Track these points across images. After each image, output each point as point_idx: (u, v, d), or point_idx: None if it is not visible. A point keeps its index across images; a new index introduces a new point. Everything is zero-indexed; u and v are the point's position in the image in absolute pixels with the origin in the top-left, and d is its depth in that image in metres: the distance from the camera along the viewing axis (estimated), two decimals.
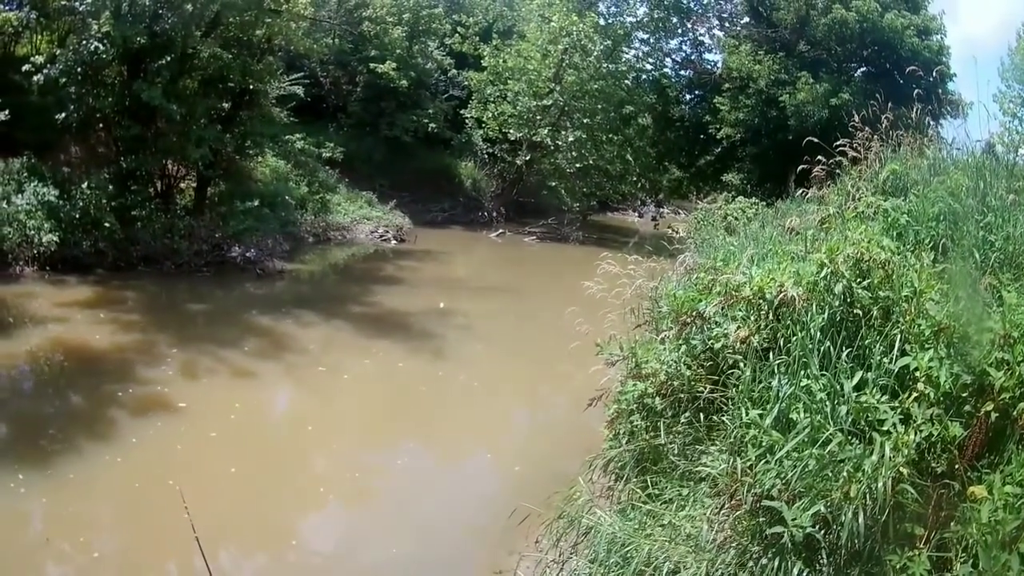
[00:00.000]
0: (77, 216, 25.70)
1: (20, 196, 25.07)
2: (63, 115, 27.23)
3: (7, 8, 28.47)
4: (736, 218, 27.20)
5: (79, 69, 27.09)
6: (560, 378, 20.92)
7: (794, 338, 8.25)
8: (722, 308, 9.63)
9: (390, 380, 20.35)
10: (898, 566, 6.28)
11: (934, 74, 29.36)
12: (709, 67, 59.01)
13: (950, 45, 47.99)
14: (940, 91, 29.77)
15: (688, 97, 61.43)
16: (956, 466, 6.63)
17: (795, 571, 6.72)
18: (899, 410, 6.95)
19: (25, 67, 26.64)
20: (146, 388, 16.98)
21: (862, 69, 49.41)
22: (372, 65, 48.09)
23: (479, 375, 21.42)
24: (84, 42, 26.71)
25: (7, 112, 25.83)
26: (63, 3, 27.11)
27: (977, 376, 6.81)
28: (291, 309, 25.42)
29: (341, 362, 20.91)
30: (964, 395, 6.87)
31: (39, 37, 31.43)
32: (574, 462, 12.30)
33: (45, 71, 26.39)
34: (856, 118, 16.73)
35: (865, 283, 8.21)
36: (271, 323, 23.38)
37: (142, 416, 15.57)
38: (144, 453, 14.02)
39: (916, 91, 16.96)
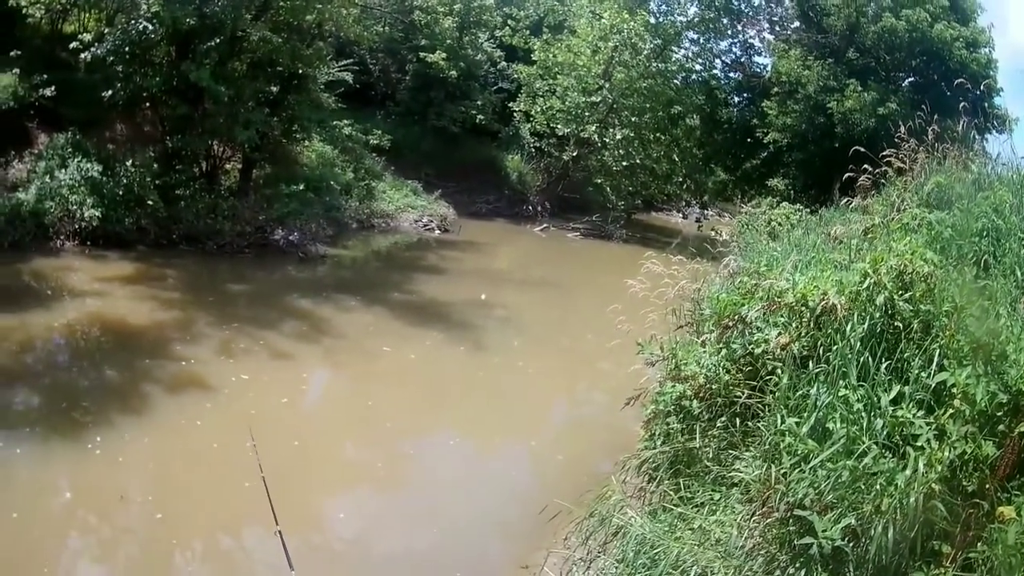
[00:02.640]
0: (120, 193, 25.88)
1: (63, 171, 25.26)
2: (110, 93, 27.30)
3: None
4: (780, 224, 27.11)
5: (127, 48, 27.13)
6: (599, 375, 20.95)
7: (834, 347, 8.23)
8: (764, 313, 9.65)
9: (428, 369, 20.38)
10: None
11: (981, 87, 29.27)
12: (758, 70, 58.87)
13: (998, 59, 47.77)
14: (987, 105, 29.68)
15: (736, 100, 61.17)
16: (987, 485, 6.59)
17: None
18: (934, 426, 6.94)
19: (72, 44, 26.90)
20: (191, 365, 17.22)
21: (910, 79, 49.12)
22: (422, 54, 48.03)
23: (518, 368, 21.45)
24: (133, 22, 26.77)
25: (53, 88, 26.17)
26: None
27: (1013, 396, 6.76)
28: (332, 294, 25.57)
29: (379, 349, 21.00)
30: (999, 414, 6.81)
31: (87, 15, 31.45)
32: (608, 460, 12.43)
33: (92, 49, 26.51)
34: (903, 128, 16.71)
35: (907, 295, 8.18)
36: (311, 307, 23.53)
37: (178, 392, 15.81)
38: (190, 425, 14.32)
39: (963, 104, 16.89)
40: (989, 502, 6.48)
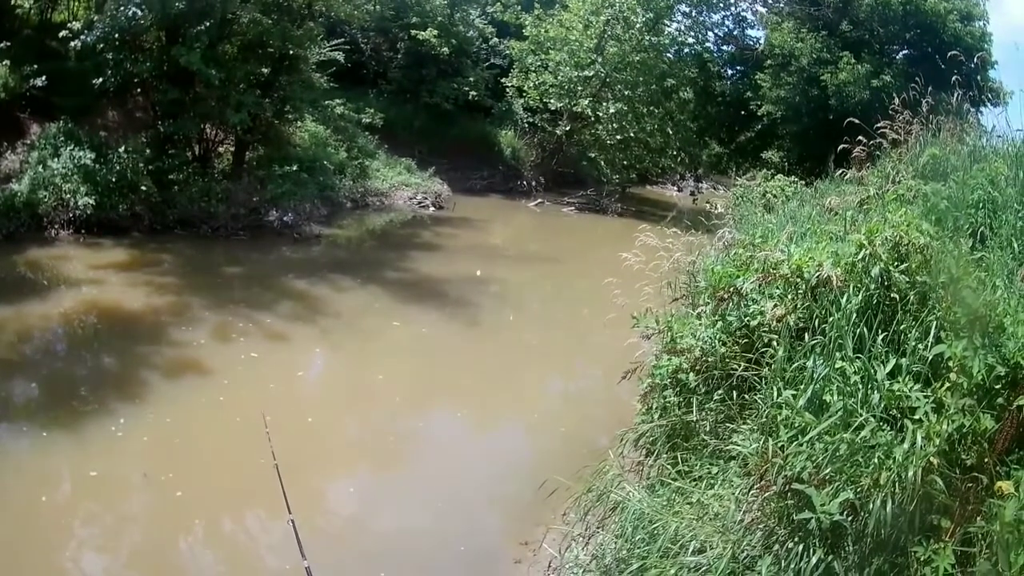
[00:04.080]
0: (114, 180, 25.82)
1: (56, 160, 25.20)
2: (100, 80, 27.41)
3: None
4: (775, 196, 27.18)
5: (116, 35, 27.11)
6: (595, 349, 20.94)
7: (830, 319, 8.22)
8: (759, 285, 9.65)
9: (423, 347, 20.40)
10: (923, 558, 6.26)
11: (975, 61, 29.30)
12: (751, 43, 58.98)
13: (992, 32, 47.87)
14: (979, 78, 29.71)
15: (730, 72, 61.49)
16: (986, 459, 6.56)
17: (818, 557, 6.72)
18: (932, 399, 6.91)
19: (62, 33, 26.77)
20: (199, 347, 17.41)
21: (904, 52, 49.29)
22: (413, 32, 47.95)
23: (513, 344, 21.53)
24: (122, 8, 26.63)
25: (44, 78, 26.14)
26: None
27: (1011, 368, 6.73)
28: (327, 274, 25.52)
29: (376, 328, 21.02)
30: (997, 387, 6.78)
31: (76, 3, 31.64)
32: (606, 435, 12.46)
33: (82, 37, 26.41)
34: (897, 101, 16.77)
35: (903, 267, 8.16)
36: (307, 287, 23.54)
37: (194, 374, 16.08)
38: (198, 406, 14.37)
39: (956, 77, 16.94)
40: (988, 476, 6.45)
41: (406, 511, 12.46)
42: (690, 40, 58.72)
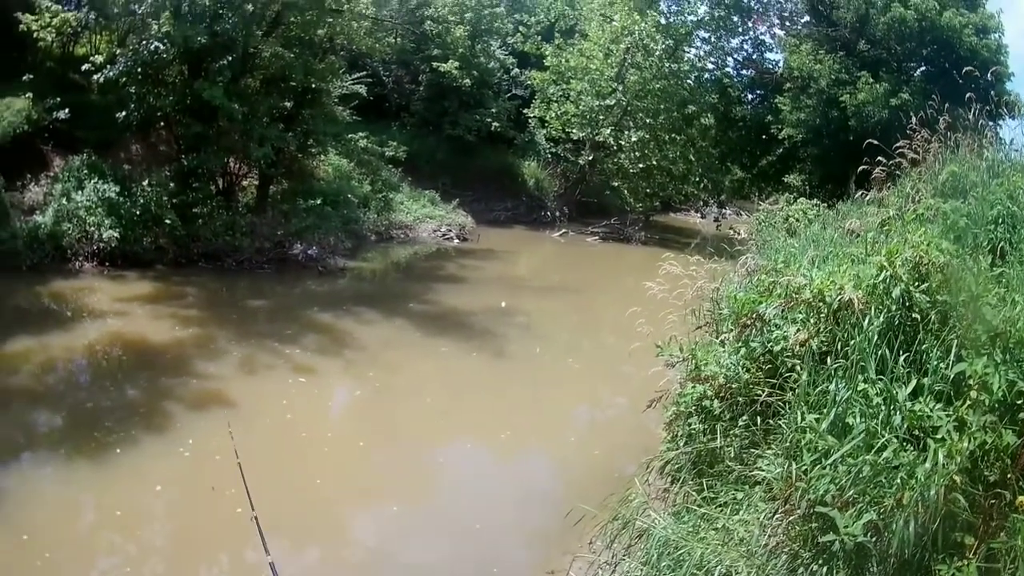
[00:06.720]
0: (138, 213, 25.96)
1: (80, 193, 25.35)
2: (124, 114, 27.61)
3: (66, 8, 28.63)
4: (797, 219, 27.10)
5: (139, 69, 27.41)
6: (620, 379, 20.87)
7: (852, 342, 8.20)
8: (782, 310, 9.64)
9: (450, 378, 20.40)
10: None
11: (990, 75, 29.25)
12: (770, 67, 58.96)
13: (1008, 44, 47.77)
14: (993, 93, 29.81)
15: (750, 97, 61.37)
16: (1008, 475, 6.54)
17: None
18: (954, 417, 6.89)
19: (85, 67, 27.11)
20: (220, 381, 17.38)
21: (921, 68, 49.11)
22: (435, 64, 48.15)
23: (540, 375, 21.44)
24: (144, 42, 26.98)
25: (67, 111, 26.35)
26: (122, 4, 27.29)
27: None
28: (352, 307, 25.52)
29: (401, 360, 20.94)
30: (1019, 403, 6.75)
31: (98, 37, 31.71)
32: (631, 463, 12.48)
33: (105, 71, 26.76)
34: (914, 119, 16.73)
35: (923, 287, 8.14)
36: (332, 320, 23.51)
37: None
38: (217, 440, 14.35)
39: (971, 92, 16.91)
40: (1011, 492, 6.43)
41: (434, 540, 12.46)
42: (710, 66, 58.94)
